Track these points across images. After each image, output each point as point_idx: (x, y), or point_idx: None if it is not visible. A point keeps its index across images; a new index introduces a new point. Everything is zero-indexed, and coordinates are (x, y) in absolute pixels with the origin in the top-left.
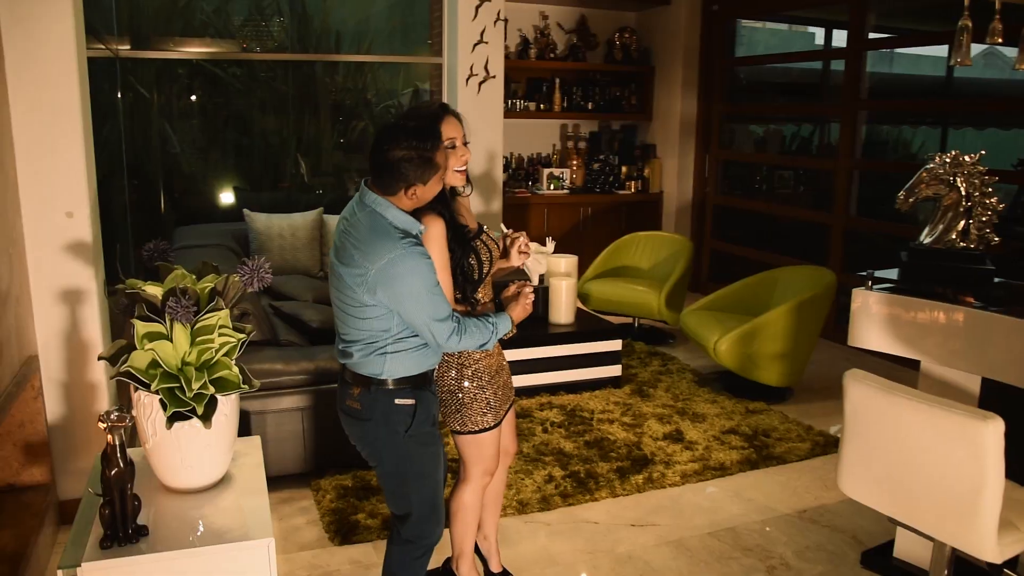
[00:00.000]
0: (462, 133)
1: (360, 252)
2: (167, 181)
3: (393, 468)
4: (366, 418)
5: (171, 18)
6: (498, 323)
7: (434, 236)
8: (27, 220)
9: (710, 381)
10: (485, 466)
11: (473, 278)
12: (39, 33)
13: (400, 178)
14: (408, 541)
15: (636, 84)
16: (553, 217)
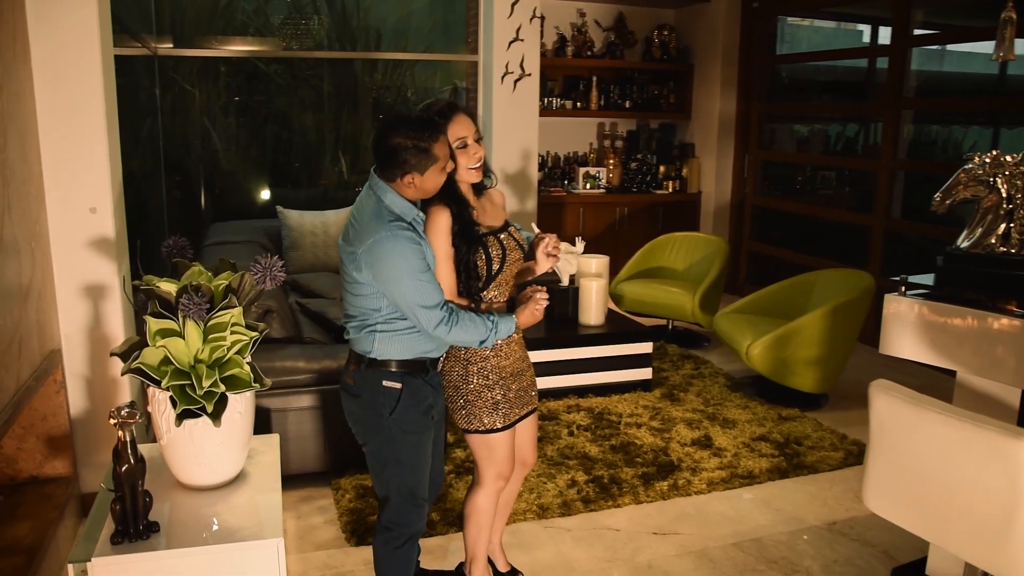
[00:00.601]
0: (474, 131)
1: (354, 231)
2: (208, 178)
3: (376, 449)
4: (356, 394)
5: (212, 17)
6: (500, 323)
7: (436, 226)
8: (51, 215)
9: (743, 386)
10: (497, 470)
11: (477, 275)
12: (64, 31)
13: (397, 165)
14: (386, 528)
15: (675, 82)
16: (588, 217)
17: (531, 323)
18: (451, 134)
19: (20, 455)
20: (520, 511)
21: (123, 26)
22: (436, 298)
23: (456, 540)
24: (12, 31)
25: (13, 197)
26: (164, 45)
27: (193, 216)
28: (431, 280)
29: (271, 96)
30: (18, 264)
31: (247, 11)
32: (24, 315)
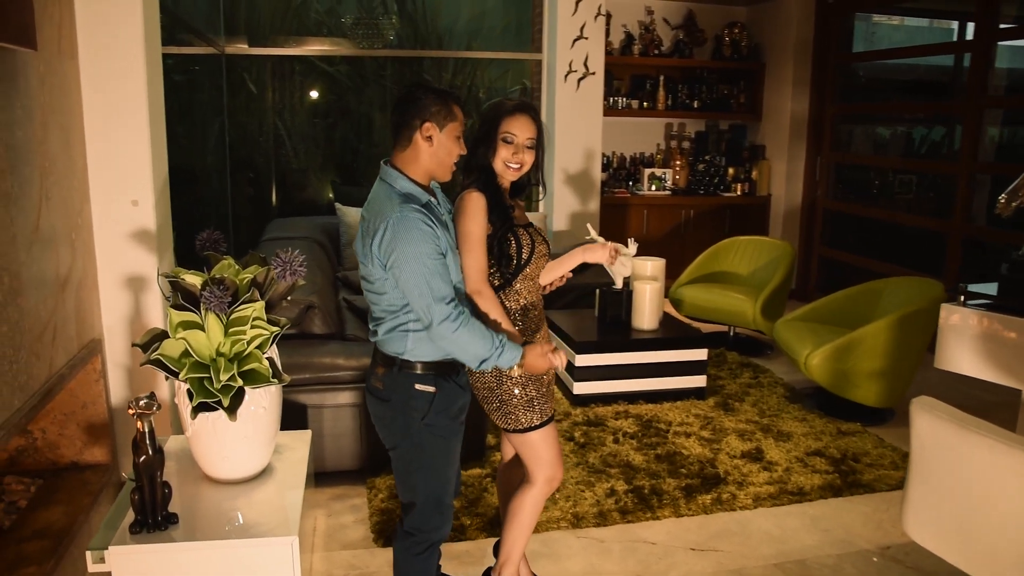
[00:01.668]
0: (528, 136)
1: (366, 225)
2: (278, 175)
3: (405, 454)
4: (385, 399)
5: (286, 18)
6: (506, 347)
7: (473, 207)
8: (95, 207)
9: (803, 397)
10: (546, 472)
11: (509, 260)
12: (110, 28)
13: (417, 112)
14: (408, 533)
15: (745, 82)
16: (652, 219)
17: (535, 368)
18: (503, 126)
19: (62, 441)
20: (554, 519)
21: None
22: (445, 290)
23: (485, 545)
24: (58, 26)
25: (52, 188)
26: (238, 45)
27: (260, 212)
28: (442, 268)
29: (341, 95)
30: (55, 254)
31: (320, 12)
32: (60, 304)
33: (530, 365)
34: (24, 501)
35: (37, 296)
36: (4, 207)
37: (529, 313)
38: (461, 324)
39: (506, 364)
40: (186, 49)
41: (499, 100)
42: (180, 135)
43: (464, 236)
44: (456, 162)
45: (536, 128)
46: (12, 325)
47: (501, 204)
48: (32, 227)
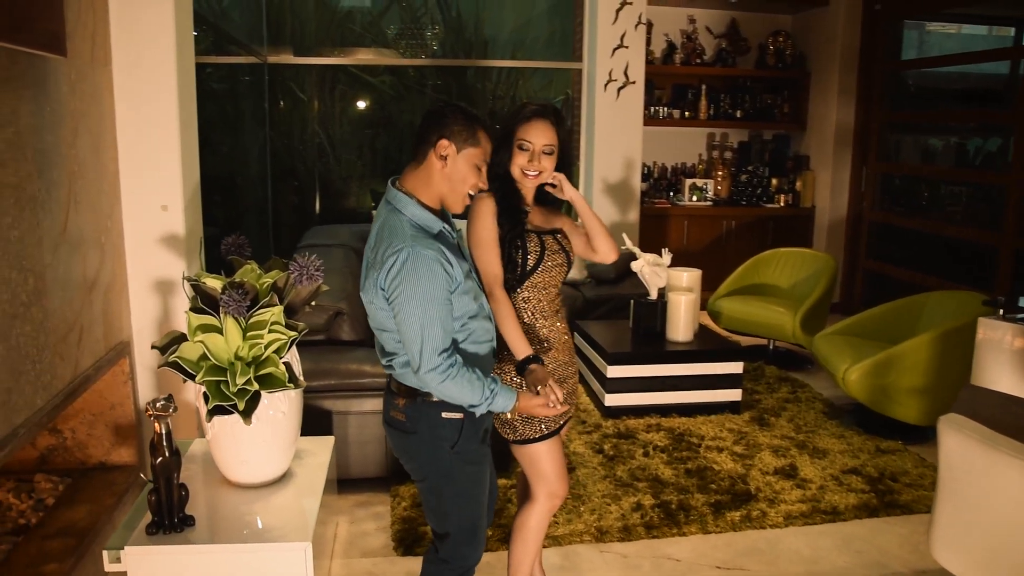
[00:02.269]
0: (545, 143)
1: (375, 253)
2: (321, 183)
3: (435, 484)
4: (411, 431)
5: (330, 29)
6: (498, 395)
7: (476, 210)
8: (126, 212)
9: (842, 414)
10: (548, 488)
11: (513, 267)
12: (143, 38)
13: (437, 127)
14: (444, 561)
15: (789, 91)
16: (693, 230)
17: (532, 414)
18: (519, 132)
19: (90, 441)
20: (577, 532)
21: (230, 36)
22: (441, 341)
23: (506, 557)
24: (91, 35)
25: (81, 192)
26: (283, 55)
27: (303, 219)
28: (445, 314)
29: (383, 105)
30: (83, 257)
31: (364, 23)
32: (87, 306)
33: (525, 409)
34: (51, 499)
35: (63, 297)
36: (31, 210)
37: (539, 325)
38: (449, 377)
39: (499, 411)
40: (229, 58)
41: (521, 104)
42: (222, 142)
43: (472, 240)
44: (471, 193)
45: (556, 134)
46: (36, 325)
47: (514, 208)
48: (59, 229)
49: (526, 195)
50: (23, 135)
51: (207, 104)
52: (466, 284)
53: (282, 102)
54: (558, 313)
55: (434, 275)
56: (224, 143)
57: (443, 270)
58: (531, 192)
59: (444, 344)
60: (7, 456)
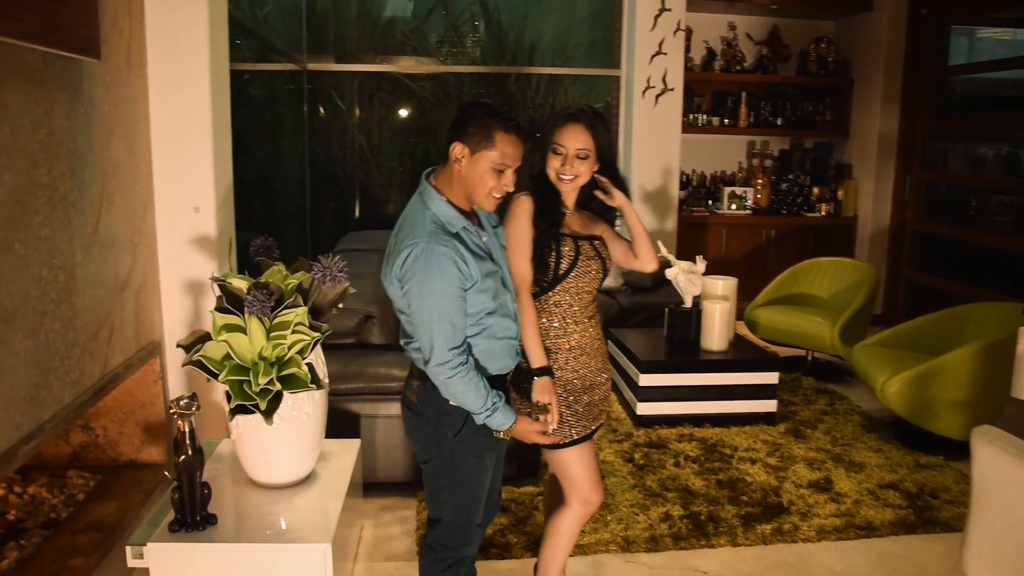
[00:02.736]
0: (579, 147)
1: (395, 242)
2: (361, 189)
3: (436, 469)
4: (419, 412)
5: (372, 37)
6: (500, 410)
7: (512, 210)
8: (159, 214)
9: (880, 427)
10: (580, 494)
11: (545, 269)
12: (177, 45)
13: (456, 128)
14: (432, 549)
15: (832, 98)
16: (732, 239)
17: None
18: (554, 136)
19: (121, 439)
20: (603, 541)
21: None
22: (451, 337)
23: (531, 564)
24: (127, 41)
25: (114, 193)
26: (323, 62)
27: (342, 224)
28: (456, 311)
29: (424, 113)
30: (114, 257)
31: (405, 30)
32: (118, 306)
33: (520, 433)
34: (82, 495)
35: (93, 296)
36: (63, 209)
37: (571, 330)
38: (456, 375)
39: (495, 427)
40: (268, 66)
41: (560, 109)
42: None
43: (507, 239)
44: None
45: (591, 138)
46: (65, 322)
47: (552, 210)
48: (91, 229)
49: (566, 199)
50: (56, 136)
51: (247, 110)
52: (483, 283)
53: (322, 109)
54: (591, 319)
55: (445, 272)
56: (263, 149)
57: (455, 268)
58: (571, 196)
59: (455, 341)
60: (34, 450)
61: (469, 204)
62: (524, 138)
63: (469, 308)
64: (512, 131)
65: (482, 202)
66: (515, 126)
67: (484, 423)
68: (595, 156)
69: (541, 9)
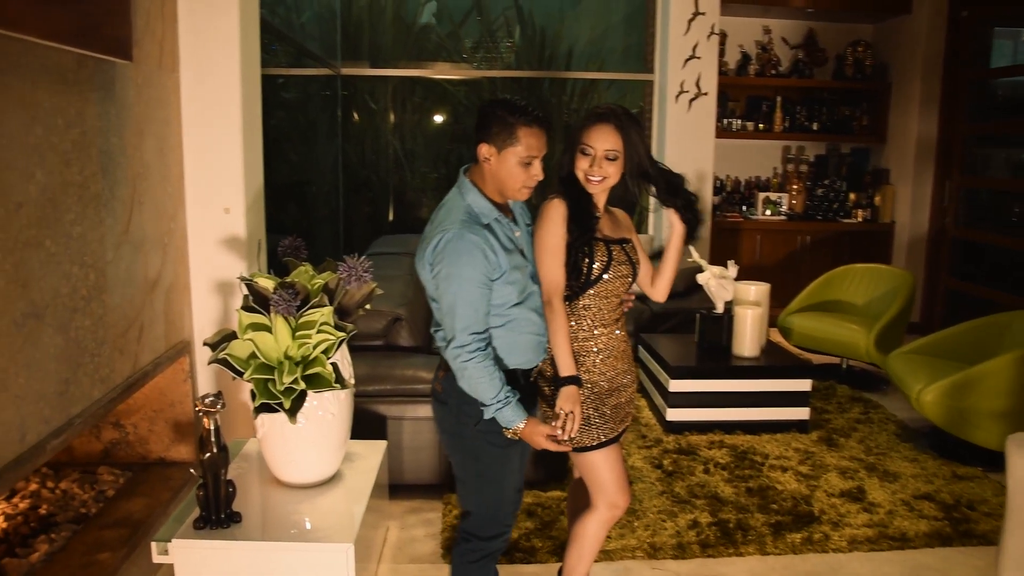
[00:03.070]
0: (608, 148)
1: (430, 228)
2: (396, 193)
3: (462, 460)
4: (443, 401)
5: (407, 43)
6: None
7: (545, 214)
8: (190, 214)
9: (916, 437)
10: (607, 498)
11: (578, 274)
12: (209, 47)
13: (480, 129)
14: (464, 539)
15: (869, 103)
16: (766, 244)
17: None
18: (582, 136)
19: (151, 437)
20: (629, 547)
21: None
22: (474, 322)
23: (555, 569)
24: (160, 42)
25: (145, 193)
26: (358, 67)
27: (376, 228)
28: (480, 299)
29: (459, 118)
30: (145, 256)
31: (441, 35)
32: (148, 305)
33: (528, 435)
34: (112, 491)
35: (123, 294)
36: (94, 208)
37: (598, 332)
38: (473, 359)
39: (504, 422)
40: (302, 70)
41: (591, 108)
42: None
43: (537, 244)
44: (529, 186)
45: (621, 139)
46: (96, 320)
47: (585, 213)
48: (122, 228)
49: (597, 201)
50: (88, 136)
51: (281, 114)
52: (511, 275)
53: (356, 115)
54: (618, 322)
55: (474, 259)
56: (297, 153)
57: (483, 256)
58: (601, 198)
59: (476, 327)
60: (63, 444)
61: (503, 198)
62: (546, 127)
63: (494, 299)
64: (533, 124)
65: (515, 195)
66: (535, 118)
67: (494, 417)
68: (624, 159)
69: (576, 14)
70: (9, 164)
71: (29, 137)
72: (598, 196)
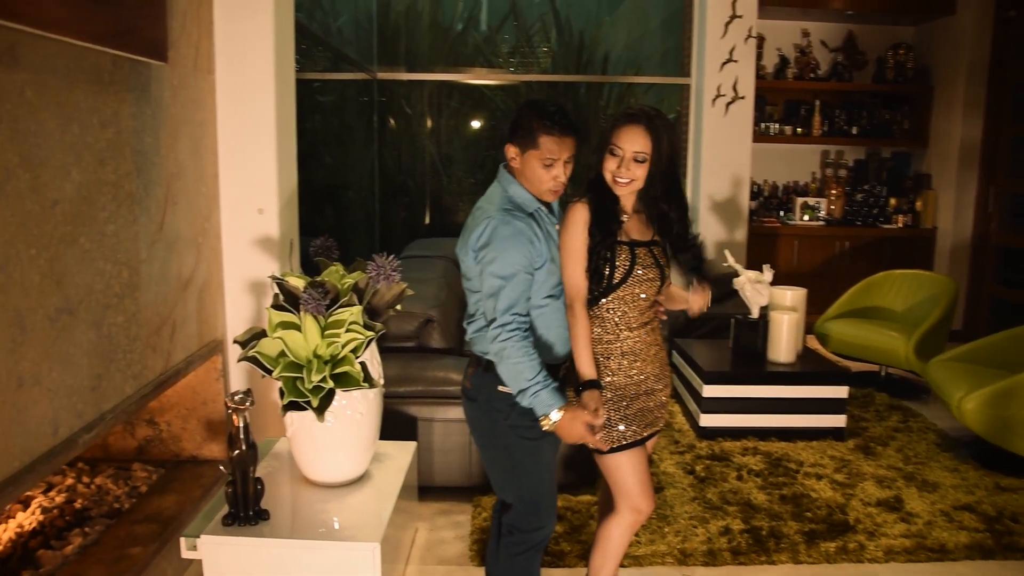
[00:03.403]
0: (637, 150)
1: (473, 219)
2: (433, 197)
3: (494, 455)
4: (473, 398)
5: (443, 47)
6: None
7: (568, 218)
8: (224, 214)
9: (957, 446)
10: (630, 502)
11: (599, 278)
12: (245, 49)
13: (511, 130)
14: (508, 531)
15: (910, 106)
16: (804, 250)
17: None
18: (612, 137)
19: (184, 435)
20: (659, 553)
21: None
22: (516, 303)
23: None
24: (196, 44)
25: (179, 193)
26: (395, 72)
27: (410, 232)
28: (523, 283)
29: (496, 123)
30: (179, 255)
31: (478, 41)
32: (181, 303)
33: (567, 423)
34: (145, 487)
35: (156, 292)
36: (128, 206)
37: (623, 336)
38: (512, 339)
39: (539, 409)
40: (338, 75)
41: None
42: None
43: (560, 248)
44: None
45: (651, 141)
46: (128, 316)
47: (610, 216)
48: (155, 227)
49: (624, 203)
50: (123, 135)
51: (318, 118)
52: (552, 265)
53: (392, 120)
54: (647, 325)
55: (519, 244)
56: (333, 156)
57: (528, 243)
58: (629, 200)
59: (520, 308)
60: (94, 439)
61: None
62: (567, 132)
63: (535, 284)
64: (554, 128)
65: (542, 195)
66: (556, 123)
67: (530, 404)
68: (651, 161)
69: (614, 19)
70: (45, 162)
71: (65, 136)
72: (625, 198)
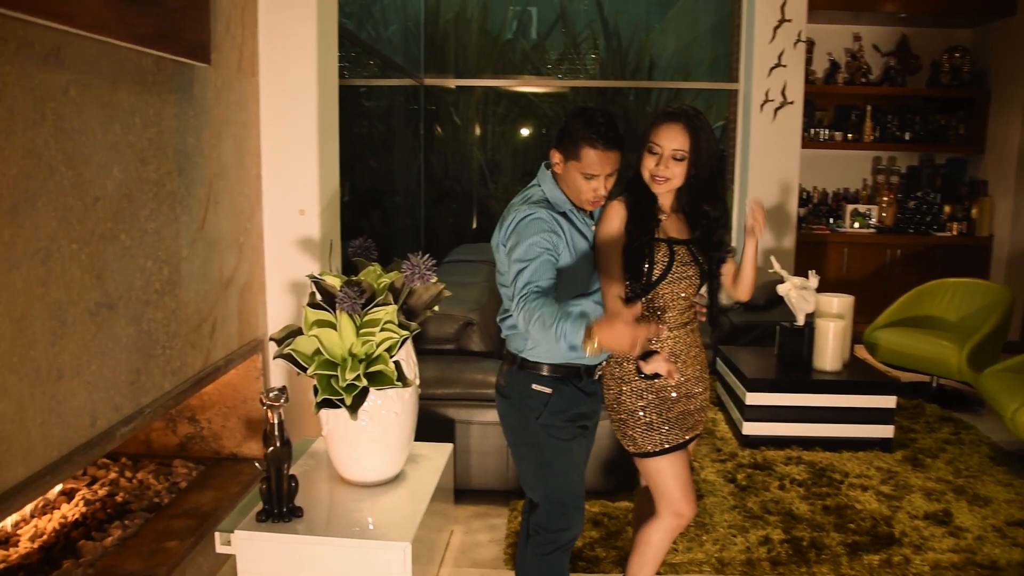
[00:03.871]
0: (675, 148)
1: (507, 211)
2: (479, 203)
3: (524, 453)
4: (506, 395)
5: (491, 55)
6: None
7: (604, 214)
8: (267, 215)
9: (1011, 460)
10: (671, 506)
11: (636, 275)
12: (288, 53)
13: (558, 135)
14: (535, 531)
15: (966, 111)
16: (854, 258)
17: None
18: (651, 135)
19: (224, 432)
20: (696, 561)
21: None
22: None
23: None
24: (239, 47)
25: (222, 193)
26: (443, 79)
27: (457, 237)
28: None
29: (544, 129)
30: (220, 254)
31: (526, 47)
32: (221, 301)
33: (604, 342)
34: (185, 483)
35: (197, 290)
36: (169, 205)
37: (663, 335)
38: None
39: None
40: (386, 81)
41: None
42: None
43: (596, 244)
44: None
45: (689, 139)
46: (168, 313)
47: (647, 214)
48: (197, 226)
49: (663, 202)
50: (165, 135)
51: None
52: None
53: (439, 128)
54: (687, 325)
55: (542, 231)
56: (380, 161)
57: (551, 231)
58: (667, 199)
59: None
60: (132, 432)
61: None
62: (611, 147)
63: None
64: (598, 143)
65: (582, 204)
66: (601, 138)
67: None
68: (690, 160)
69: (662, 26)
70: (88, 160)
71: (108, 135)
72: (663, 197)
